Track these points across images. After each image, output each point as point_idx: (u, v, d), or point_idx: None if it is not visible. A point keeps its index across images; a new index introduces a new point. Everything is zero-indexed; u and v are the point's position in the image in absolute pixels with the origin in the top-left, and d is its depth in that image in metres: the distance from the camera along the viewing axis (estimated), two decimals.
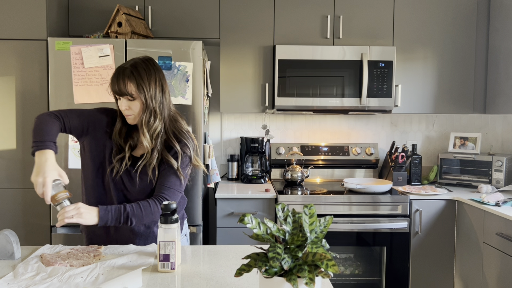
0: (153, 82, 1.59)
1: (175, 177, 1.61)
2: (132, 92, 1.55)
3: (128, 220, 1.52)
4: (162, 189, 1.60)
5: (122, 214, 1.52)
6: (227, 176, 3.30)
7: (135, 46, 2.51)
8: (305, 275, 0.92)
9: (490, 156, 3.01)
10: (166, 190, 1.60)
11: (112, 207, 1.52)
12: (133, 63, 1.60)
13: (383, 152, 3.41)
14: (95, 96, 2.51)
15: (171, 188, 1.60)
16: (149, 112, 1.58)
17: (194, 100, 2.55)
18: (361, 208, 2.74)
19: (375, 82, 2.93)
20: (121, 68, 1.58)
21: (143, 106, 1.58)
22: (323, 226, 1.02)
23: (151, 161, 1.60)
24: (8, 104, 2.59)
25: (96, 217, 1.48)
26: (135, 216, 1.53)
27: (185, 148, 1.64)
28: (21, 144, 2.61)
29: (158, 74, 1.62)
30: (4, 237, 1.45)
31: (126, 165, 1.62)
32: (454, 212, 2.81)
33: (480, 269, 2.57)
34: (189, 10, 2.96)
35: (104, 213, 1.49)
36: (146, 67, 1.60)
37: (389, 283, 2.81)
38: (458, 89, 3.07)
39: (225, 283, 1.27)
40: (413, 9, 3.02)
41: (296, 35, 2.99)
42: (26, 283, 1.24)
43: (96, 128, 1.65)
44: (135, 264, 1.40)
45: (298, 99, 2.92)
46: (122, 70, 1.57)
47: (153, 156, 1.61)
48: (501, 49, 2.95)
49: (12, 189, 2.61)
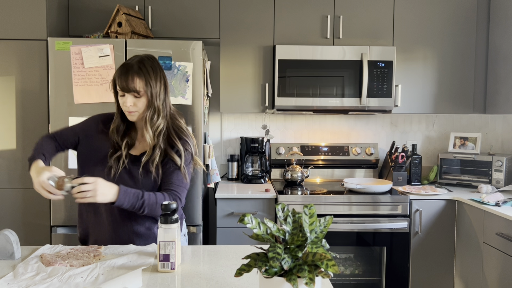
0: (159, 79, 1.60)
1: (181, 175, 1.62)
2: (140, 88, 1.55)
3: (141, 208, 1.53)
4: (171, 186, 1.60)
5: (138, 200, 1.52)
6: (227, 176, 3.30)
7: (135, 46, 2.51)
8: (305, 275, 0.92)
9: (490, 156, 3.01)
10: (175, 187, 1.60)
11: (132, 190, 1.51)
12: (139, 59, 1.60)
13: (383, 152, 3.41)
14: (95, 96, 2.51)
15: (180, 186, 1.61)
16: (153, 109, 1.59)
17: (194, 100, 2.55)
18: (361, 208, 2.74)
19: (375, 82, 2.93)
20: (128, 65, 1.57)
21: (148, 103, 1.58)
22: (323, 226, 1.02)
23: (153, 158, 1.60)
24: (8, 104, 2.59)
25: (115, 195, 1.47)
26: (149, 206, 1.53)
27: (186, 145, 1.65)
28: (21, 144, 2.61)
29: (162, 72, 1.63)
30: (4, 237, 1.45)
31: (123, 164, 1.61)
32: (454, 212, 2.81)
33: (480, 269, 2.57)
34: (189, 10, 2.96)
35: (123, 194, 1.48)
36: (152, 65, 1.60)
37: (389, 283, 2.81)
38: (458, 89, 3.07)
39: (225, 283, 1.27)
40: (413, 9, 3.02)
41: (296, 35, 2.99)
42: (26, 283, 1.24)
43: (87, 135, 1.68)
44: (135, 264, 1.40)
45: (298, 99, 2.92)
46: (130, 66, 1.57)
47: (155, 153, 1.60)
48: (501, 49, 2.95)
49: (12, 189, 2.62)
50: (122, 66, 1.59)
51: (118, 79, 1.56)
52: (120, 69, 1.57)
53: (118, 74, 1.57)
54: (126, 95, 1.57)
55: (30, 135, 2.60)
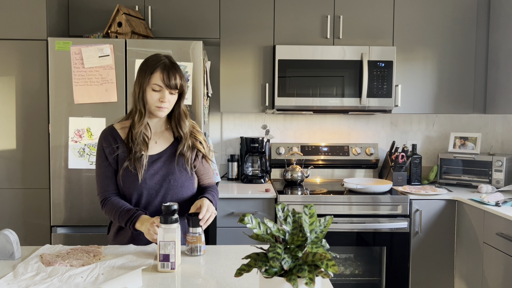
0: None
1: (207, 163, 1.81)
2: (181, 85, 1.64)
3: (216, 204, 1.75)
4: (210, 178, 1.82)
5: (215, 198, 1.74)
6: (227, 176, 3.30)
7: (135, 46, 2.52)
8: (305, 275, 0.92)
9: (490, 156, 3.01)
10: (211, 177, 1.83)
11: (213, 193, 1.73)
12: (170, 57, 1.66)
13: (383, 152, 3.41)
14: (95, 96, 2.51)
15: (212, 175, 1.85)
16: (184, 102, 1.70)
17: (194, 100, 2.55)
18: (361, 208, 2.74)
19: (375, 82, 2.93)
20: (169, 62, 1.63)
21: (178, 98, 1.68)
22: (323, 226, 1.02)
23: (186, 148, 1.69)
24: (8, 104, 2.59)
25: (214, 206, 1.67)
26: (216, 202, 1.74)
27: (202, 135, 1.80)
28: (21, 144, 2.60)
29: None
30: (4, 237, 1.45)
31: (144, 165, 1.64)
32: (454, 212, 2.81)
33: (480, 269, 2.57)
34: (189, 10, 2.96)
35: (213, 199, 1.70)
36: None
37: (389, 283, 2.81)
38: (458, 89, 3.07)
39: (225, 283, 1.27)
40: (413, 9, 3.02)
41: (296, 35, 2.99)
42: (26, 283, 1.24)
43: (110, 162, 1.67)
44: (135, 264, 1.40)
45: (298, 99, 2.92)
46: (172, 64, 1.63)
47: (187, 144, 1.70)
48: (501, 49, 2.95)
49: (12, 189, 2.62)
50: (160, 63, 1.61)
51: (163, 76, 1.59)
52: (162, 67, 1.60)
53: (160, 71, 1.59)
54: (162, 90, 1.60)
55: (30, 135, 2.60)
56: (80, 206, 2.55)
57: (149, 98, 1.61)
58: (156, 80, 1.59)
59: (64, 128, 2.52)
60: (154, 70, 1.60)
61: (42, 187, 2.61)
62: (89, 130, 2.52)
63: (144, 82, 1.60)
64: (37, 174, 2.61)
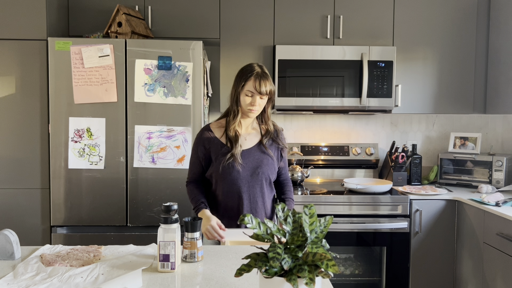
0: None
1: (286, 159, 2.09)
2: (270, 91, 1.89)
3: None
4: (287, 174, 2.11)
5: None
6: None
7: (135, 46, 2.52)
8: (305, 275, 0.92)
9: (490, 156, 3.01)
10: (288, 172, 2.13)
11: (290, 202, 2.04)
12: (262, 67, 1.93)
13: (383, 152, 3.41)
14: (95, 96, 2.51)
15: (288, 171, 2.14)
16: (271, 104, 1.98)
17: (194, 100, 2.55)
18: (361, 208, 2.74)
19: (375, 82, 2.93)
20: (262, 72, 1.89)
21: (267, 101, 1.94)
22: (323, 226, 1.02)
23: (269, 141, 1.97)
24: (8, 104, 2.59)
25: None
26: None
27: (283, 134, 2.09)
28: (21, 144, 2.60)
29: None
30: (4, 237, 1.45)
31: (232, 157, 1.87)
32: (454, 212, 2.81)
33: (480, 269, 2.57)
34: (189, 10, 2.96)
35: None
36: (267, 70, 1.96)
37: (389, 283, 2.81)
38: (458, 89, 3.06)
39: (225, 283, 1.27)
40: (413, 9, 3.02)
41: (296, 35, 2.99)
42: (26, 283, 1.24)
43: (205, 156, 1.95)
44: (135, 264, 1.40)
45: (298, 99, 2.92)
46: (264, 74, 1.89)
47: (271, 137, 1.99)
48: (501, 49, 2.95)
49: (12, 189, 2.61)
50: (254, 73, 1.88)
51: (254, 83, 1.86)
52: (256, 76, 1.87)
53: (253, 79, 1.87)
54: (254, 96, 1.87)
55: (30, 135, 2.60)
56: (80, 206, 2.55)
57: (242, 101, 1.91)
58: (249, 87, 1.87)
59: (64, 128, 2.52)
60: (248, 78, 1.88)
61: (42, 187, 2.61)
62: (89, 130, 2.52)
63: (239, 88, 1.90)
64: (37, 174, 2.61)
